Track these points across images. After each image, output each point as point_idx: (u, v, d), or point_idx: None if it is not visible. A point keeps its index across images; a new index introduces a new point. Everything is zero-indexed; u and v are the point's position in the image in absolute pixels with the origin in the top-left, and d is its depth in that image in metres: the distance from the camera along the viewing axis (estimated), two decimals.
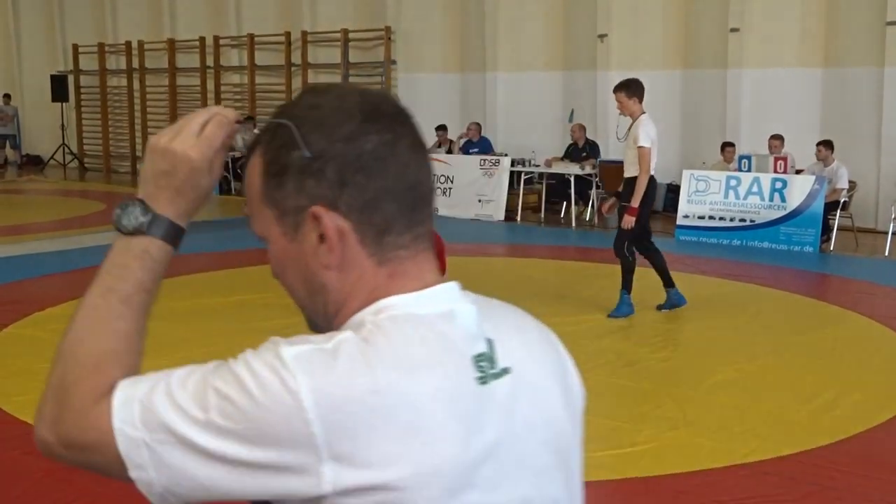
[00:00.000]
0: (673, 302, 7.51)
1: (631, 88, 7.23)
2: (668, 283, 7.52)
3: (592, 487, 4.23)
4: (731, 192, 11.23)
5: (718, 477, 4.22)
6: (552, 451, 1.12)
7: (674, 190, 12.62)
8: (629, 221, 7.22)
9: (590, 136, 13.79)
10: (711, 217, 11.34)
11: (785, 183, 10.90)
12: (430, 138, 15.14)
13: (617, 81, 7.52)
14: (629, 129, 7.29)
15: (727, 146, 12.51)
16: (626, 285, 7.40)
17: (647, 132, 7.13)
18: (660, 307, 7.52)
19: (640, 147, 7.11)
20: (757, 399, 5.33)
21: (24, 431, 4.76)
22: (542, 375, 1.13)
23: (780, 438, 4.69)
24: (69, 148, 22.15)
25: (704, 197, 11.42)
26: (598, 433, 4.74)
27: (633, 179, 7.24)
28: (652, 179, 7.31)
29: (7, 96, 22.69)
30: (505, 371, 1.07)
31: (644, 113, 7.25)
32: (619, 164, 12.86)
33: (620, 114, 7.45)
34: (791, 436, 4.73)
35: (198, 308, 7.56)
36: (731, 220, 11.19)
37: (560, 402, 1.14)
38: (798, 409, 5.18)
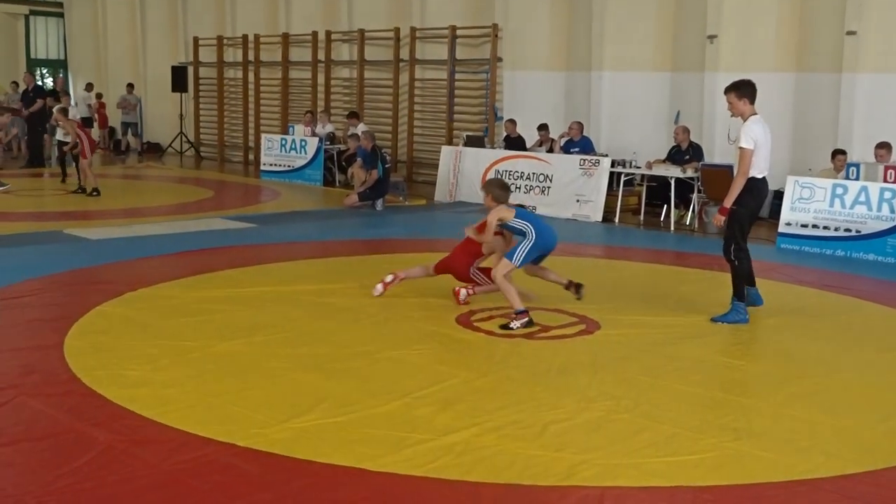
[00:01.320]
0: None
1: (741, 89, 7.15)
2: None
3: (639, 493, 4.17)
4: (837, 201, 10.81)
5: (772, 491, 4.06)
6: None
7: (779, 196, 12.22)
8: (719, 220, 7.27)
9: (694, 138, 13.48)
10: (815, 226, 10.94)
11: (895, 193, 10.43)
12: (531, 136, 15.08)
13: (726, 83, 7.45)
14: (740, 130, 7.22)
15: (838, 153, 12.05)
16: (737, 292, 7.25)
17: (749, 134, 7.05)
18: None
19: (740, 147, 7.08)
20: (830, 414, 5.12)
21: (98, 404, 4.97)
22: None
23: (848, 456, 4.50)
24: (186, 136, 22.98)
25: (808, 205, 11.03)
26: (656, 439, 4.66)
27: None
28: (762, 183, 7.19)
29: (131, 86, 23.68)
30: None
31: (755, 114, 7.14)
32: (722, 168, 12.68)
33: (732, 115, 7.34)
34: (861, 455, 4.53)
35: (281, 295, 7.72)
36: (836, 229, 10.77)
37: None
38: (873, 427, 4.95)
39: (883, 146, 11.05)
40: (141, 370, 5.57)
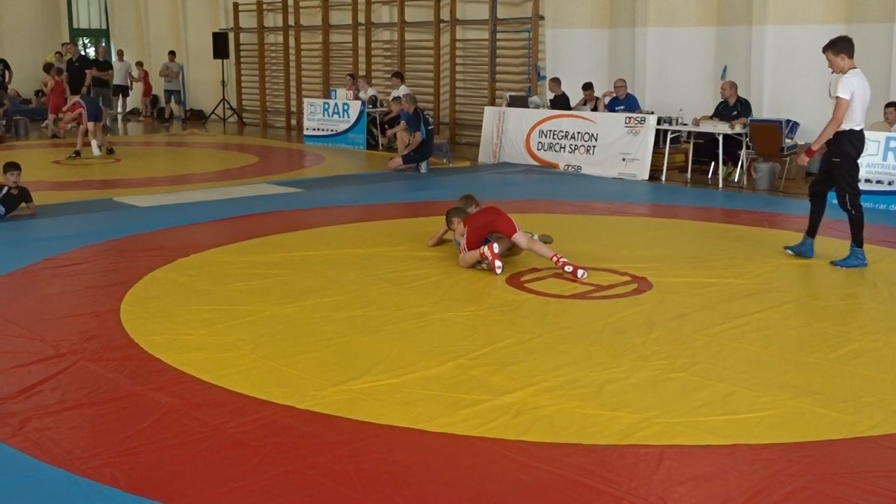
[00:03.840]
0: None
1: (837, 46, 7.55)
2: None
3: (699, 452, 4.14)
4: (891, 154, 10.58)
5: (835, 449, 4.03)
6: None
7: None
8: (804, 160, 7.97)
9: (742, 94, 13.24)
10: (868, 180, 10.70)
11: None
12: (576, 96, 14.92)
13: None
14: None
15: (889, 106, 11.77)
16: (856, 239, 7.68)
17: (846, 85, 7.41)
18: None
19: (836, 97, 7.44)
20: (891, 371, 5.05)
21: (157, 368, 5.05)
22: None
23: None
24: (229, 103, 23.05)
25: (861, 159, 10.77)
26: (713, 397, 4.63)
27: (840, 132, 7.51)
28: (860, 134, 7.58)
29: (172, 53, 23.75)
30: None
31: (854, 68, 7.50)
32: (771, 124, 12.46)
33: (832, 72, 7.66)
34: None
35: (331, 259, 7.76)
36: (890, 183, 10.56)
37: None
38: None
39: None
40: (197, 335, 5.65)
